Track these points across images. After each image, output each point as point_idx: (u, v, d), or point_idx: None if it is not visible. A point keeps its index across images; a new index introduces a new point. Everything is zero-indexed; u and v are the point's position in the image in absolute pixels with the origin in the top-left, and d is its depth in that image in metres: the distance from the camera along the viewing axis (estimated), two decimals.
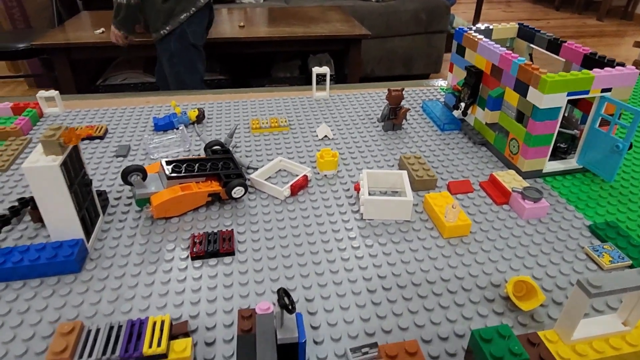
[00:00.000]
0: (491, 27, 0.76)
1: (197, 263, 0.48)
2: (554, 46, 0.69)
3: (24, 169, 0.43)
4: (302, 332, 0.34)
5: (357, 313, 0.42)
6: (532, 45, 0.74)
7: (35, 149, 0.45)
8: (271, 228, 0.53)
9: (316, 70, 0.84)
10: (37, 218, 0.53)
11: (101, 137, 0.72)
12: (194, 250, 0.48)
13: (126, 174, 0.51)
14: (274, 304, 0.35)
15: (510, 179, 0.59)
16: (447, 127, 0.75)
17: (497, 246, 0.50)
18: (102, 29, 1.79)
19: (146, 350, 0.33)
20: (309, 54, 2.33)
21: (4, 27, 2.40)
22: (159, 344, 0.33)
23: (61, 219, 0.46)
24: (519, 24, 0.77)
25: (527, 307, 0.41)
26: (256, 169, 0.63)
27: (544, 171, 0.62)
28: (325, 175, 0.63)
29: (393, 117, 0.74)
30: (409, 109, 0.75)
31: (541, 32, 0.73)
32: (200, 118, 0.77)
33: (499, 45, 0.66)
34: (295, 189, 0.58)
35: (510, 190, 0.56)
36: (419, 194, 0.59)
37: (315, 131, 0.75)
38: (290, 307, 0.33)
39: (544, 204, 0.54)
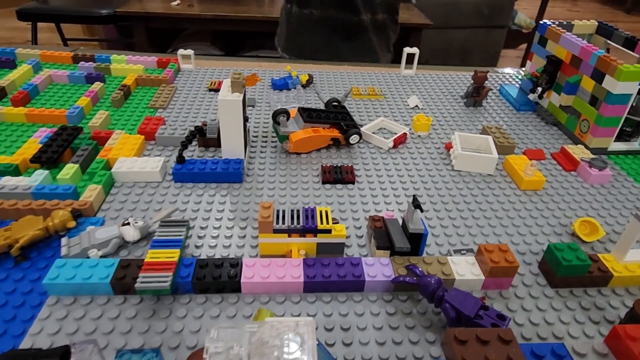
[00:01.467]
0: (572, 22, 0.86)
1: (328, 187, 0.62)
2: (630, 44, 0.79)
3: (219, 100, 0.58)
4: (425, 227, 0.48)
5: (454, 231, 0.56)
6: (609, 41, 0.84)
7: (222, 87, 0.61)
8: (380, 169, 0.67)
9: (407, 50, 0.97)
10: (202, 143, 0.69)
11: None
12: (325, 176, 0.63)
13: (276, 114, 0.67)
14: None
15: (579, 152, 0.70)
16: (522, 108, 0.86)
17: (565, 200, 0.62)
18: (178, 1, 1.96)
19: (319, 225, 0.48)
20: None
21: None
22: (327, 223, 0.48)
23: (233, 141, 0.62)
24: (598, 22, 0.86)
25: (589, 239, 0.53)
26: (361, 125, 0.76)
27: (609, 149, 0.73)
28: (419, 135, 0.76)
29: (476, 94, 0.86)
30: (492, 89, 0.86)
31: (619, 30, 0.82)
32: (309, 82, 0.91)
33: (580, 39, 0.76)
34: (397, 142, 0.72)
35: (579, 160, 0.68)
36: (499, 156, 0.71)
37: (406, 101, 0.88)
38: (421, 207, 0.47)
39: (607, 172, 0.65)
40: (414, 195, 0.48)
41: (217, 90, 0.88)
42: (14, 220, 0.50)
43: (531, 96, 0.86)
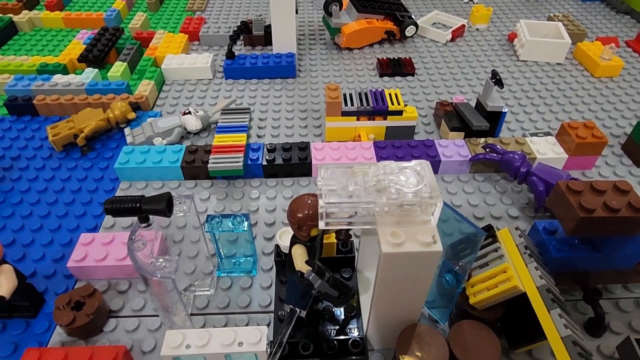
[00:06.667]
0: None
1: (386, 79, 0.59)
2: None
3: None
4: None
5: (526, 117, 0.52)
6: None
7: None
8: (439, 61, 0.63)
9: None
10: (248, 42, 0.66)
11: None
12: (383, 69, 0.59)
13: (328, 4, 0.62)
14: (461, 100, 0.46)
15: None
16: None
17: None
18: None
19: (390, 106, 0.45)
20: None
21: None
22: (398, 104, 0.45)
23: (285, 34, 0.58)
24: None
25: None
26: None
27: None
28: (477, 28, 0.71)
29: None
30: None
31: None
32: None
33: None
34: (455, 35, 0.67)
35: None
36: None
37: None
38: (502, 83, 0.43)
39: None
40: (493, 70, 0.44)
41: None
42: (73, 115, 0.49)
43: None
